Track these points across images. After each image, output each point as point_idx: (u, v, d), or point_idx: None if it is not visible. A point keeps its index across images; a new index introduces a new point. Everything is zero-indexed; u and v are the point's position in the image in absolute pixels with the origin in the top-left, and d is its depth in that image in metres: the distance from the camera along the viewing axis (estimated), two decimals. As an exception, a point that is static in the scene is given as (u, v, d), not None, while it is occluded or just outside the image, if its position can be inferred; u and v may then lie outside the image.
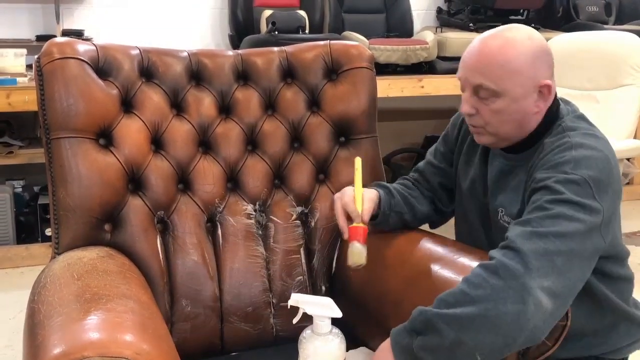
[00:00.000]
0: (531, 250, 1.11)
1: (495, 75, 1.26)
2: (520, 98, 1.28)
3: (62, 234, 1.41)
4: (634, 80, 3.13)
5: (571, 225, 1.14)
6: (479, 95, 1.29)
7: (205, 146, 1.61)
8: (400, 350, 1.16)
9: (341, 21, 3.69)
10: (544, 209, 1.16)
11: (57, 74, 1.42)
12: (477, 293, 1.10)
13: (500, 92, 1.27)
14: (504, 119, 1.29)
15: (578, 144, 1.23)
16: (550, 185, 1.18)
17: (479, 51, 1.28)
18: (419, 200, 1.55)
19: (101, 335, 0.98)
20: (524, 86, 1.27)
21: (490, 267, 1.12)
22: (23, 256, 3.09)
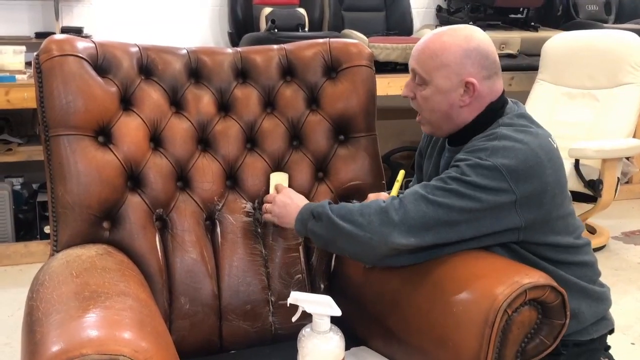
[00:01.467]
0: (412, 209, 1.29)
1: (425, 64, 1.41)
2: (446, 90, 1.40)
3: (61, 232, 1.41)
4: (634, 79, 3.13)
5: (460, 201, 1.28)
6: (415, 81, 1.43)
7: (204, 144, 1.61)
8: (301, 220, 1.43)
9: (341, 19, 3.69)
10: (443, 181, 1.31)
11: (56, 71, 1.41)
12: (358, 220, 1.32)
13: (428, 80, 1.40)
14: (432, 107, 1.42)
15: (503, 136, 1.34)
16: (460, 165, 1.32)
17: (421, 41, 1.44)
18: None
19: (100, 332, 0.98)
20: (450, 79, 1.39)
21: (379, 208, 1.32)
22: (22, 253, 3.09)
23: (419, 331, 1.31)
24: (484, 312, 1.19)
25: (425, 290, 1.33)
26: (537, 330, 1.23)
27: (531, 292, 1.19)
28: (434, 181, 1.33)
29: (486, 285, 1.22)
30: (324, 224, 1.37)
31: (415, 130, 4.47)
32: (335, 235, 1.35)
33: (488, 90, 1.41)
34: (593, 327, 1.42)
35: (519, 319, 1.19)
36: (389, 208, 1.30)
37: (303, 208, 1.44)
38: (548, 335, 1.23)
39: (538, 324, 1.22)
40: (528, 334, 1.22)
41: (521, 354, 1.22)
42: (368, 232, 1.30)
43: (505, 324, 1.18)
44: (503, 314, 1.17)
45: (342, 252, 1.42)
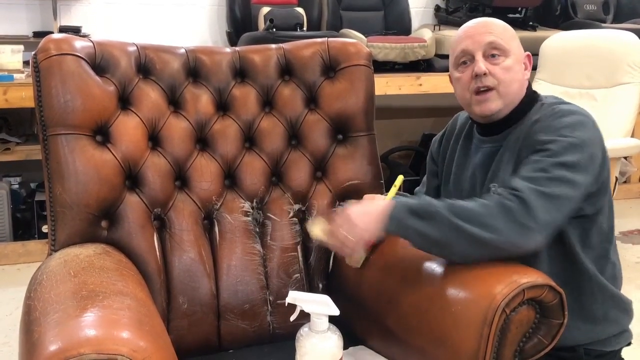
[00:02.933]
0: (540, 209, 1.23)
1: (504, 35, 1.42)
2: (518, 61, 1.43)
3: (59, 231, 1.41)
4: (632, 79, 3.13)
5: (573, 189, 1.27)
6: (490, 55, 1.41)
7: (202, 143, 1.61)
8: (393, 219, 1.28)
9: (339, 18, 3.68)
10: (544, 171, 1.27)
11: (54, 71, 1.41)
12: (491, 222, 1.23)
13: (509, 50, 1.41)
14: (513, 77, 1.41)
15: (569, 111, 1.36)
16: (550, 147, 1.30)
17: (482, 20, 1.46)
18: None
19: (98, 332, 0.98)
20: (519, 51, 1.44)
21: (508, 209, 1.24)
22: (20, 253, 3.08)
23: (418, 330, 1.31)
24: (483, 312, 1.19)
25: (423, 290, 1.33)
26: (536, 330, 1.23)
27: (529, 291, 1.19)
28: (531, 171, 1.29)
29: (484, 284, 1.22)
30: (438, 224, 1.25)
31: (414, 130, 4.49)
32: (454, 237, 1.24)
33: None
34: (616, 339, 1.43)
35: (517, 318, 1.19)
36: (514, 210, 1.23)
37: (391, 205, 1.30)
38: (546, 335, 1.24)
39: (536, 323, 1.22)
40: (526, 334, 1.22)
41: (519, 353, 1.22)
42: (501, 236, 1.22)
43: (504, 323, 1.18)
44: (501, 313, 1.17)
45: (455, 255, 1.29)
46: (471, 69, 1.42)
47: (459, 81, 1.46)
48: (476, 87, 1.41)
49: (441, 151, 1.63)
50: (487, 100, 1.42)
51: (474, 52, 1.42)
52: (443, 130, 1.66)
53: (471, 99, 1.44)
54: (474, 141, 1.53)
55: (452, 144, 1.59)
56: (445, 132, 1.65)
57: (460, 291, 1.25)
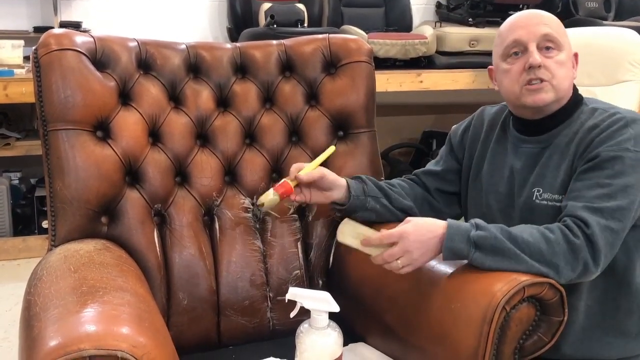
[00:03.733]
0: (605, 249, 1.21)
1: (558, 28, 1.38)
2: (570, 58, 1.39)
3: (59, 226, 1.41)
4: (633, 77, 3.13)
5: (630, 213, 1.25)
6: (544, 48, 1.36)
7: (203, 139, 1.61)
8: (452, 249, 1.24)
9: (340, 15, 3.68)
10: (614, 197, 1.24)
11: (54, 66, 1.41)
12: (554, 260, 1.20)
13: (562, 44, 1.37)
14: (566, 72, 1.37)
15: (633, 120, 1.30)
16: (616, 166, 1.25)
17: (535, 12, 1.40)
18: (401, 194, 1.53)
19: (98, 327, 0.98)
20: (570, 48, 1.39)
21: (573, 245, 1.21)
22: (20, 248, 3.08)
23: (417, 328, 1.31)
24: (482, 309, 1.18)
25: (423, 287, 1.33)
26: (536, 327, 1.23)
27: (529, 288, 1.19)
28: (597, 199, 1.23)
29: (484, 282, 1.22)
30: (499, 258, 1.21)
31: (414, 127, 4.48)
32: (513, 267, 1.21)
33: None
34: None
35: (517, 315, 1.19)
36: (580, 249, 1.20)
37: (448, 233, 1.25)
38: (546, 332, 1.23)
39: (536, 320, 1.22)
40: (526, 331, 1.22)
41: (519, 350, 1.22)
42: (561, 276, 1.20)
43: (504, 320, 1.18)
44: (501, 310, 1.17)
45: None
46: (523, 60, 1.36)
47: (508, 73, 1.39)
48: (529, 79, 1.35)
49: (467, 145, 1.56)
50: (541, 91, 1.35)
51: (527, 42, 1.35)
52: (467, 123, 1.59)
53: (521, 91, 1.37)
54: (511, 139, 1.46)
55: (482, 139, 1.52)
56: (469, 125, 1.58)
57: (460, 289, 1.25)
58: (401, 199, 1.52)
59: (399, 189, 1.55)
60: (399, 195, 1.52)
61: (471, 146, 1.55)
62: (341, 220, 1.41)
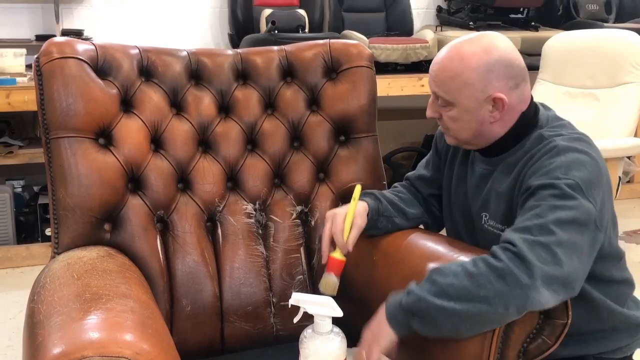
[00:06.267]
0: (536, 259, 1.13)
1: (446, 86, 1.31)
2: (472, 109, 1.31)
3: (62, 234, 1.41)
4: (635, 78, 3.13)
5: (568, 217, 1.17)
6: (438, 102, 1.35)
7: (205, 145, 1.61)
8: (397, 323, 1.23)
9: (341, 20, 3.68)
10: (538, 216, 1.18)
11: (56, 74, 1.41)
12: (481, 293, 1.13)
13: (452, 102, 1.32)
14: (460, 126, 1.34)
15: (566, 148, 1.25)
16: (544, 193, 1.20)
17: (437, 61, 1.34)
18: (409, 203, 1.55)
19: (101, 334, 0.98)
20: (475, 98, 1.30)
21: (497, 270, 1.14)
22: (23, 256, 3.09)
23: (421, 332, 1.31)
24: (486, 313, 1.18)
25: (426, 291, 1.32)
26: (539, 330, 1.22)
27: (533, 292, 1.19)
28: (525, 221, 1.18)
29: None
30: (432, 318, 1.17)
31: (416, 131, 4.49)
32: (457, 325, 1.16)
33: (518, 100, 1.33)
34: (627, 348, 1.41)
35: (520, 319, 1.19)
36: (504, 270, 1.13)
37: (389, 307, 1.25)
38: (550, 335, 1.23)
39: (540, 323, 1.22)
40: (530, 334, 1.22)
41: (523, 354, 1.22)
42: (494, 305, 1.12)
43: (507, 324, 1.18)
44: (505, 314, 1.17)
45: (464, 334, 1.18)
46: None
47: None
48: None
49: (444, 152, 1.55)
50: (446, 136, 1.41)
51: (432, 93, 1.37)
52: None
53: None
54: (472, 155, 1.46)
55: (451, 154, 1.53)
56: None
57: (464, 292, 1.25)
58: (412, 209, 1.54)
59: (408, 197, 1.57)
60: (408, 206, 1.54)
61: (447, 151, 1.54)
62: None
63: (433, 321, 1.18)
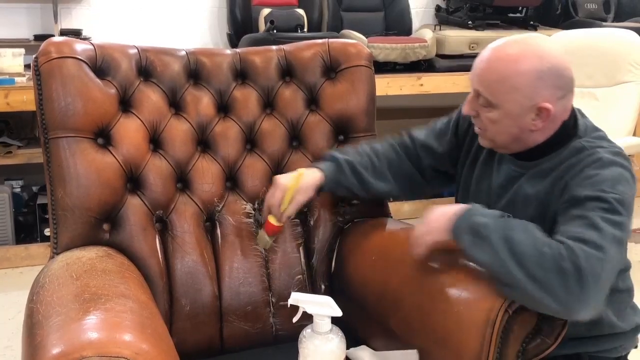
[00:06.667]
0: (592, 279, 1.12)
1: (492, 88, 1.27)
2: (515, 115, 1.27)
3: (61, 234, 1.41)
4: (633, 78, 3.13)
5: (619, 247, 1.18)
6: (479, 101, 1.31)
7: (203, 145, 1.61)
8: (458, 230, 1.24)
9: (340, 19, 3.68)
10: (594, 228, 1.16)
11: (54, 74, 1.41)
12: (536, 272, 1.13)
13: (495, 104, 1.27)
14: (499, 129, 1.30)
15: (611, 162, 1.24)
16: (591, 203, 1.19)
17: (485, 59, 1.28)
18: (379, 175, 1.52)
19: (100, 335, 0.98)
20: (520, 104, 1.26)
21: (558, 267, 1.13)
22: (22, 256, 3.08)
23: (421, 331, 1.31)
24: (485, 312, 1.18)
25: (426, 290, 1.32)
26: (538, 330, 1.23)
27: (532, 291, 1.19)
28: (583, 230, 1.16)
29: (487, 284, 1.22)
30: (488, 254, 1.19)
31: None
32: (498, 270, 1.18)
33: (562, 110, 1.29)
34: (622, 348, 1.43)
35: (520, 318, 1.19)
36: (569, 274, 1.12)
37: (459, 213, 1.26)
38: (549, 335, 1.23)
39: (539, 323, 1.22)
40: (529, 334, 1.22)
41: (522, 353, 1.22)
42: (546, 294, 1.13)
43: (507, 323, 1.18)
44: (504, 313, 1.17)
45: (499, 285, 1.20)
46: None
47: None
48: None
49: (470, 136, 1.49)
50: (480, 136, 1.37)
51: (471, 86, 1.33)
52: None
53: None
54: (497, 154, 1.42)
55: (476, 145, 1.47)
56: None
57: (463, 292, 1.25)
58: (380, 182, 1.52)
59: (382, 165, 1.53)
60: (378, 178, 1.52)
61: (473, 139, 1.48)
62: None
63: (485, 253, 1.19)
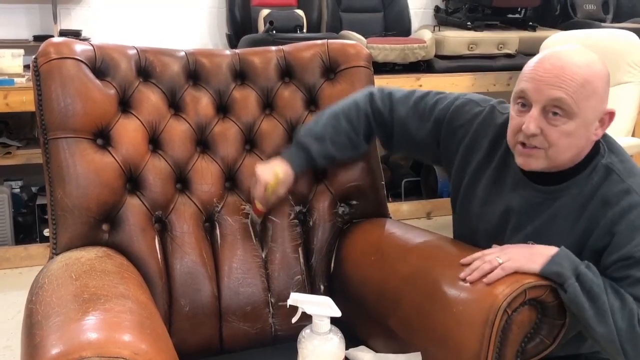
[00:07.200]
0: None
1: (577, 92, 1.18)
2: (589, 123, 1.21)
3: (60, 234, 1.41)
4: (632, 78, 3.13)
5: None
6: (549, 114, 1.21)
7: (203, 146, 1.61)
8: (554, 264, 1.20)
9: (339, 20, 3.68)
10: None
11: (54, 74, 1.41)
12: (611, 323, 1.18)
13: (576, 112, 1.19)
14: (570, 143, 1.21)
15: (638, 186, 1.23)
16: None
17: (559, 64, 1.20)
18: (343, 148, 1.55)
19: (99, 335, 0.98)
20: (596, 111, 1.21)
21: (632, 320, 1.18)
22: (21, 257, 3.08)
23: (420, 331, 1.31)
24: (484, 312, 1.19)
25: (425, 291, 1.33)
26: (537, 330, 1.23)
27: (531, 291, 1.19)
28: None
29: (486, 285, 1.22)
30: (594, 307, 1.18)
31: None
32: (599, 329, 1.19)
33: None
34: None
35: (519, 318, 1.19)
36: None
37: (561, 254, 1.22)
38: (548, 335, 1.23)
39: (538, 323, 1.22)
40: (528, 334, 1.22)
41: (521, 353, 1.22)
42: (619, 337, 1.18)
43: (505, 323, 1.18)
44: (503, 313, 1.17)
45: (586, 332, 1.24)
46: (524, 117, 1.22)
47: (512, 120, 1.27)
48: (522, 141, 1.24)
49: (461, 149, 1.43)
50: (531, 157, 1.25)
51: (532, 101, 1.21)
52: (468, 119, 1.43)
53: (515, 147, 1.27)
54: (512, 174, 1.34)
55: (481, 158, 1.40)
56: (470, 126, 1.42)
57: (462, 292, 1.25)
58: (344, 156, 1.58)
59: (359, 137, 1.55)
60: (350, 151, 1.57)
61: (466, 155, 1.43)
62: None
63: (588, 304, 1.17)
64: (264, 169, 1.52)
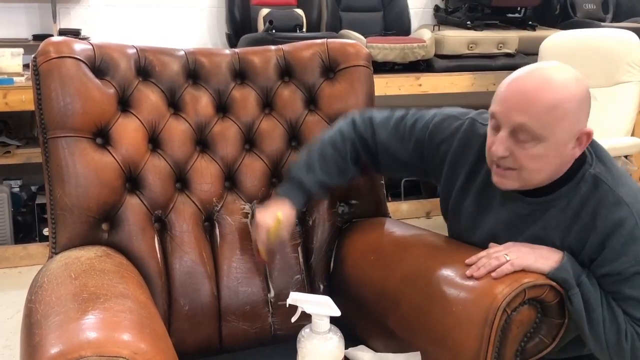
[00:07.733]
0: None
1: (542, 119, 1.17)
2: (562, 144, 1.20)
3: (60, 234, 1.41)
4: (632, 77, 3.13)
5: None
6: (518, 137, 1.20)
7: (202, 145, 1.61)
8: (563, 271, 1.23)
9: (338, 19, 3.68)
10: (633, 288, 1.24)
11: (53, 74, 1.41)
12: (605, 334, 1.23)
13: (544, 136, 1.18)
14: (541, 165, 1.22)
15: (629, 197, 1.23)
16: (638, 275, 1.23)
17: (524, 89, 1.19)
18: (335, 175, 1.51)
19: (99, 334, 0.98)
20: (567, 132, 1.19)
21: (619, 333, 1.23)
22: (21, 256, 3.08)
23: (419, 330, 1.31)
24: (484, 312, 1.19)
25: (425, 290, 1.33)
26: (537, 330, 1.23)
27: (530, 291, 1.19)
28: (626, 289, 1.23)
29: (485, 284, 1.22)
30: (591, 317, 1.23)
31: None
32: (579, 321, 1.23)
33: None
34: None
35: (518, 318, 1.19)
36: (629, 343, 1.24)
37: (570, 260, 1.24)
38: (547, 335, 1.23)
39: (537, 323, 1.22)
40: (527, 333, 1.22)
41: (521, 353, 1.22)
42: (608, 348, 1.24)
43: (505, 323, 1.18)
44: (502, 313, 1.17)
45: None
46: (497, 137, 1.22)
47: (488, 137, 1.27)
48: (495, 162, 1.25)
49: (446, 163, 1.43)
50: (505, 177, 1.25)
51: (501, 124, 1.21)
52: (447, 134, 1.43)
53: (492, 166, 1.27)
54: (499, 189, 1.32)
55: (467, 171, 1.39)
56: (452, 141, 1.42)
57: (462, 291, 1.25)
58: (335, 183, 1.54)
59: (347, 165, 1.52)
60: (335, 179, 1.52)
61: (452, 169, 1.42)
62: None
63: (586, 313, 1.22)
64: (264, 214, 1.45)
